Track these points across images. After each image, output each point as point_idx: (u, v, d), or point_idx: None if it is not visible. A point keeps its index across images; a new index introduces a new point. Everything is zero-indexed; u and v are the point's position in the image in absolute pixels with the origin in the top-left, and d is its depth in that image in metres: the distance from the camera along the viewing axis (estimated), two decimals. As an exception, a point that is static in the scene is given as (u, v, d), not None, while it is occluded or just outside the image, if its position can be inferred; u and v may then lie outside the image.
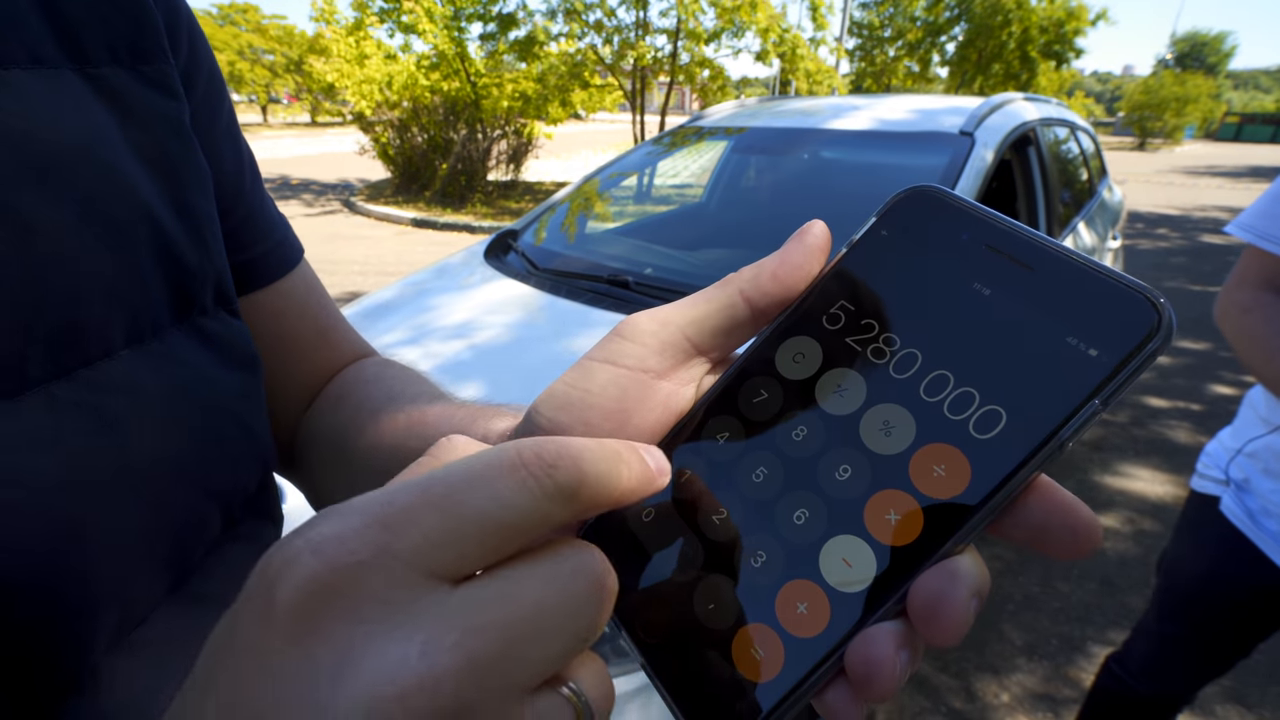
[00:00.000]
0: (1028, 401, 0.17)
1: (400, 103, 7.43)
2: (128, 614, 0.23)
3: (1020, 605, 1.88)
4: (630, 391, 0.21)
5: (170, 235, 0.25)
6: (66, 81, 0.23)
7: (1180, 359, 3.74)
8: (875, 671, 0.16)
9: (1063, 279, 0.17)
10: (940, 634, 0.16)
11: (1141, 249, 6.64)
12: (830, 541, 0.18)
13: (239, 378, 0.29)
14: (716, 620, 0.19)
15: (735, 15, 7.86)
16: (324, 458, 0.36)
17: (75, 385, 0.21)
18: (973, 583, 0.16)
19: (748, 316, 0.22)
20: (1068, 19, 15.64)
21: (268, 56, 23.93)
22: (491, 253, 1.92)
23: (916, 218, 0.21)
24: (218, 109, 0.32)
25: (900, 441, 0.18)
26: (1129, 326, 0.16)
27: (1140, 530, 2.22)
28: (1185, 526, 1.06)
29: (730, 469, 0.20)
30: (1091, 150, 3.04)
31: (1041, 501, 0.17)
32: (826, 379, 0.20)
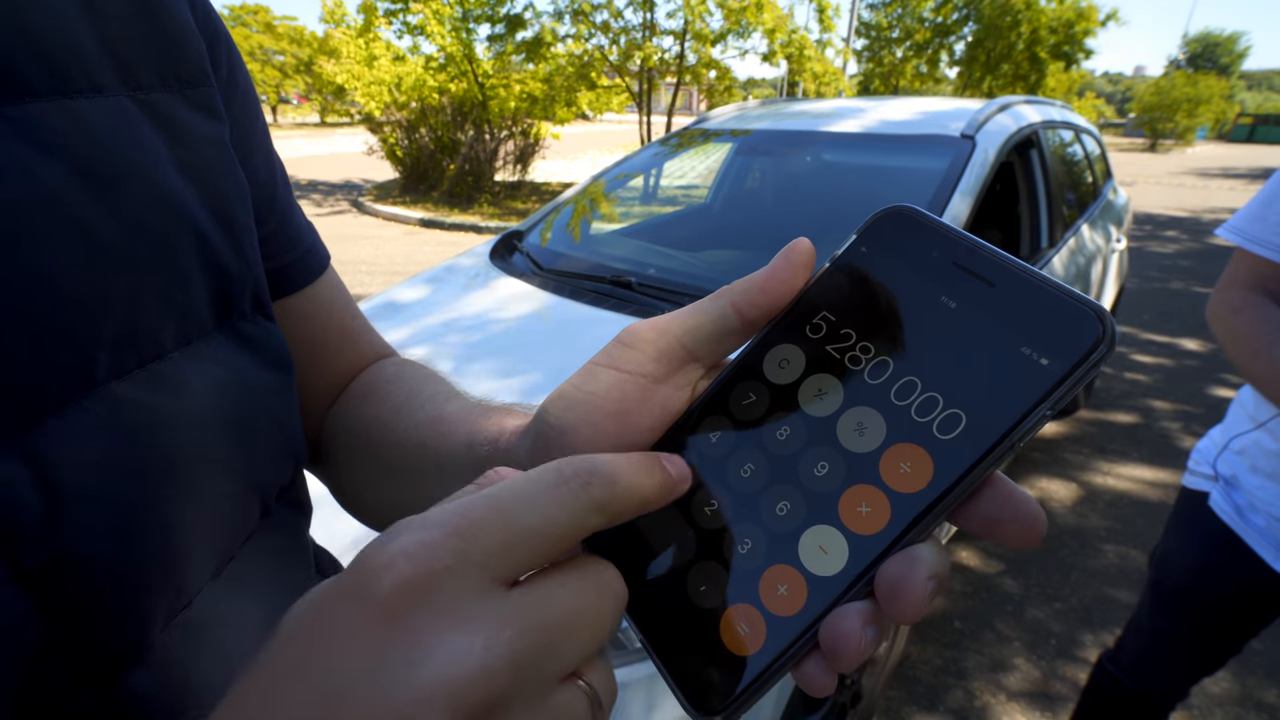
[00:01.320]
0: (985, 405, 0.18)
1: (408, 104, 7.48)
2: (180, 594, 0.25)
3: (1019, 605, 1.89)
4: (631, 394, 0.24)
5: (214, 246, 0.27)
6: (122, 107, 0.25)
7: (1185, 361, 3.73)
8: (843, 644, 0.18)
9: (1020, 294, 0.19)
10: (901, 612, 0.18)
11: (1150, 251, 6.60)
12: (809, 531, 0.20)
13: (274, 377, 0.31)
14: (707, 601, 0.21)
15: (742, 16, 7.87)
16: (347, 453, 0.38)
17: (133, 385, 0.24)
18: (930, 567, 0.18)
19: (738, 326, 0.24)
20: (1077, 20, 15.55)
21: (278, 57, 24.10)
22: (497, 253, 1.94)
23: (893, 236, 0.23)
24: (253, 125, 0.35)
25: (872, 441, 0.20)
26: (1076, 338, 0.18)
27: (1141, 532, 2.23)
28: (1175, 522, 1.08)
29: (720, 465, 0.23)
30: (1096, 153, 3.04)
31: (995, 496, 0.19)
32: (808, 384, 0.22)
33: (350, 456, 0.38)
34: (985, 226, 2.63)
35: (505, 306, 1.61)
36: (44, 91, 0.22)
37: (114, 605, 0.23)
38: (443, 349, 1.43)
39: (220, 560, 0.27)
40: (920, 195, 1.67)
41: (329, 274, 0.41)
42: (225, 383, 0.27)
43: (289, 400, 0.32)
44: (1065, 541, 2.18)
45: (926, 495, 0.19)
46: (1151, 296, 4.98)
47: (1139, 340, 4.05)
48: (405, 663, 0.14)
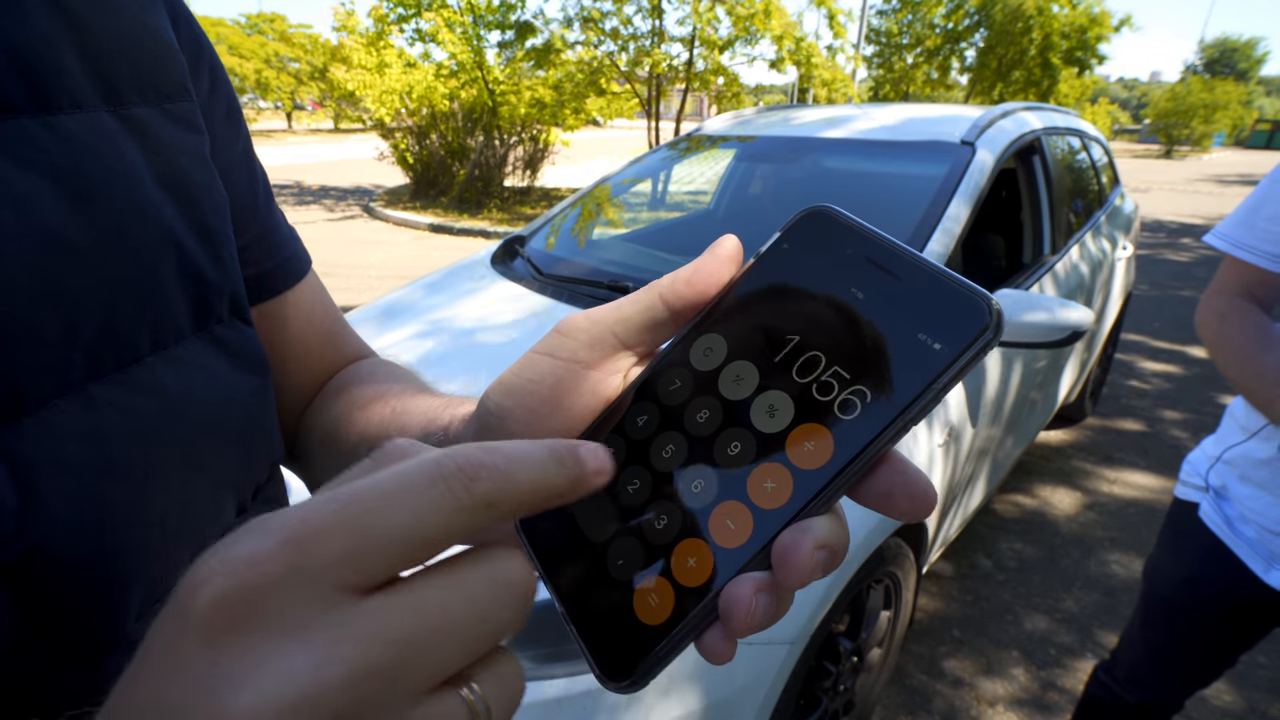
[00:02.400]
0: (882, 387, 0.20)
1: (419, 110, 7.56)
2: (152, 589, 0.26)
3: (1020, 615, 1.87)
4: (565, 380, 0.25)
5: (191, 254, 0.28)
6: (101, 122, 0.26)
7: (1194, 369, 3.69)
8: (734, 608, 0.19)
9: (920, 285, 0.21)
10: (787, 577, 0.19)
11: (1163, 259, 6.53)
12: (719, 506, 0.21)
13: (251, 380, 0.32)
14: (623, 574, 0.22)
15: (750, 23, 7.89)
16: (319, 449, 0.39)
17: (110, 387, 0.25)
18: (820, 536, 0.19)
19: (667, 316, 0.25)
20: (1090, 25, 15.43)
21: (293, 64, 24.43)
22: (498, 258, 1.96)
23: (813, 234, 0.24)
24: (235, 136, 0.36)
25: (781, 421, 0.21)
26: (966, 324, 0.19)
27: (1145, 541, 2.20)
28: (1167, 533, 1.07)
29: (645, 446, 0.24)
30: (1103, 160, 3.02)
31: (889, 472, 0.20)
32: (728, 370, 0.23)
33: (321, 452, 0.39)
34: (986, 233, 2.62)
35: (503, 311, 1.63)
36: (25, 107, 0.23)
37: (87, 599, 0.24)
38: (439, 353, 1.45)
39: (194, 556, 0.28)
40: (918, 201, 1.67)
41: (310, 278, 0.42)
42: (202, 385, 0.28)
43: (265, 402, 0.33)
44: (1068, 550, 2.16)
45: (826, 471, 0.20)
46: (1163, 304, 4.93)
47: (1149, 348, 4.01)
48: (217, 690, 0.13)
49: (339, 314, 0.45)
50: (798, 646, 1.08)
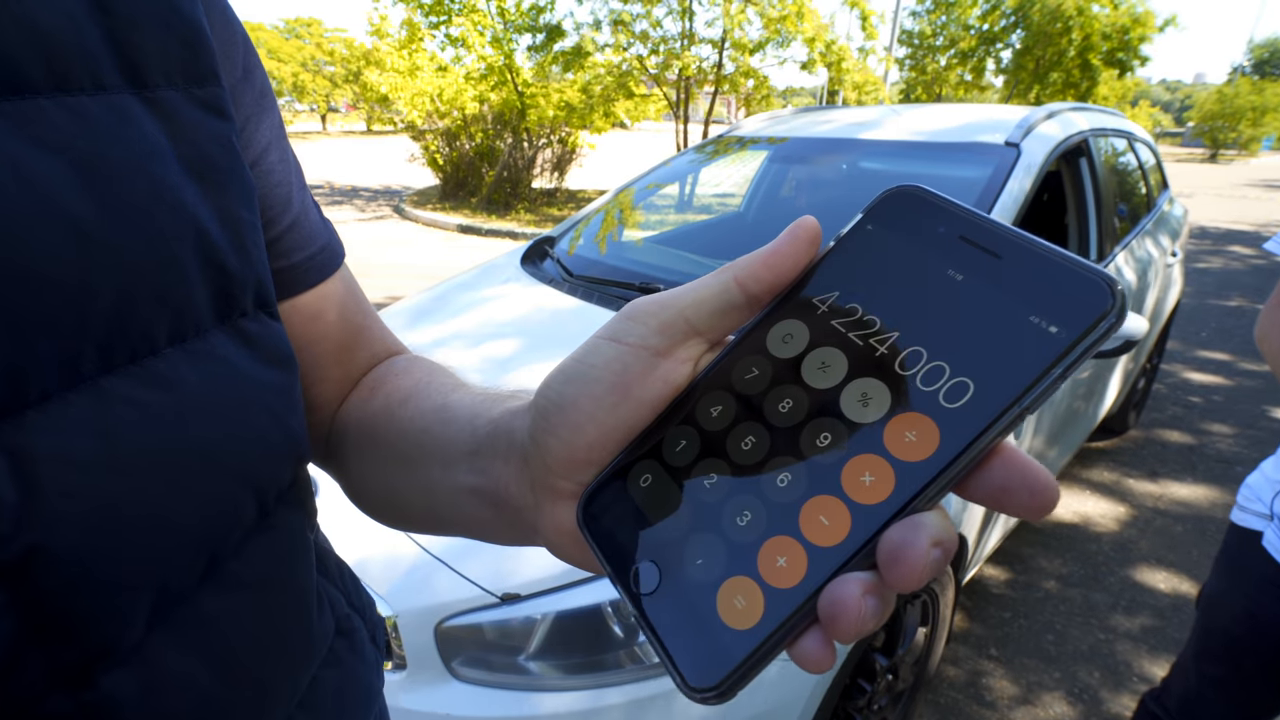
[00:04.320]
0: (993, 373, 0.18)
1: (450, 113, 7.65)
2: (165, 593, 0.25)
3: (1060, 635, 1.80)
4: (632, 367, 0.24)
5: (214, 243, 0.27)
6: (126, 105, 0.25)
7: (1244, 381, 3.53)
8: (840, 612, 0.17)
9: (1027, 265, 0.19)
10: (901, 578, 0.17)
11: (1209, 267, 6.30)
12: (810, 501, 0.20)
13: (275, 375, 0.30)
14: (704, 574, 0.21)
15: (781, 25, 7.83)
16: (356, 447, 0.38)
17: (122, 380, 0.23)
18: (934, 533, 0.17)
19: (742, 301, 0.24)
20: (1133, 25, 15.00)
21: (329, 68, 24.97)
22: (528, 259, 1.96)
23: (899, 214, 0.23)
24: (268, 124, 0.35)
25: (876, 411, 0.20)
26: (1085, 306, 0.18)
27: (1195, 561, 2.10)
28: (1225, 562, 1.01)
29: (722, 438, 0.23)
30: (1151, 162, 2.91)
31: (1003, 465, 0.18)
32: (812, 357, 0.22)
33: (358, 450, 0.38)
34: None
35: (534, 312, 1.62)
36: (44, 88, 0.22)
37: (90, 602, 0.22)
38: (470, 354, 1.44)
39: (210, 559, 0.27)
40: (960, 205, 1.62)
41: (342, 271, 0.41)
42: (223, 380, 0.27)
43: (290, 399, 0.31)
44: (1111, 568, 2.07)
45: (932, 463, 0.18)
46: (1210, 313, 4.75)
47: (1196, 358, 3.86)
48: None
49: (372, 308, 0.44)
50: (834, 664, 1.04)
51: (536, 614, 0.94)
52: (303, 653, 0.33)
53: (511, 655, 0.94)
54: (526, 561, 0.98)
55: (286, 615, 0.31)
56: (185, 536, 0.25)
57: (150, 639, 0.24)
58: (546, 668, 0.94)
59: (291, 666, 0.32)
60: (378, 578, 1.00)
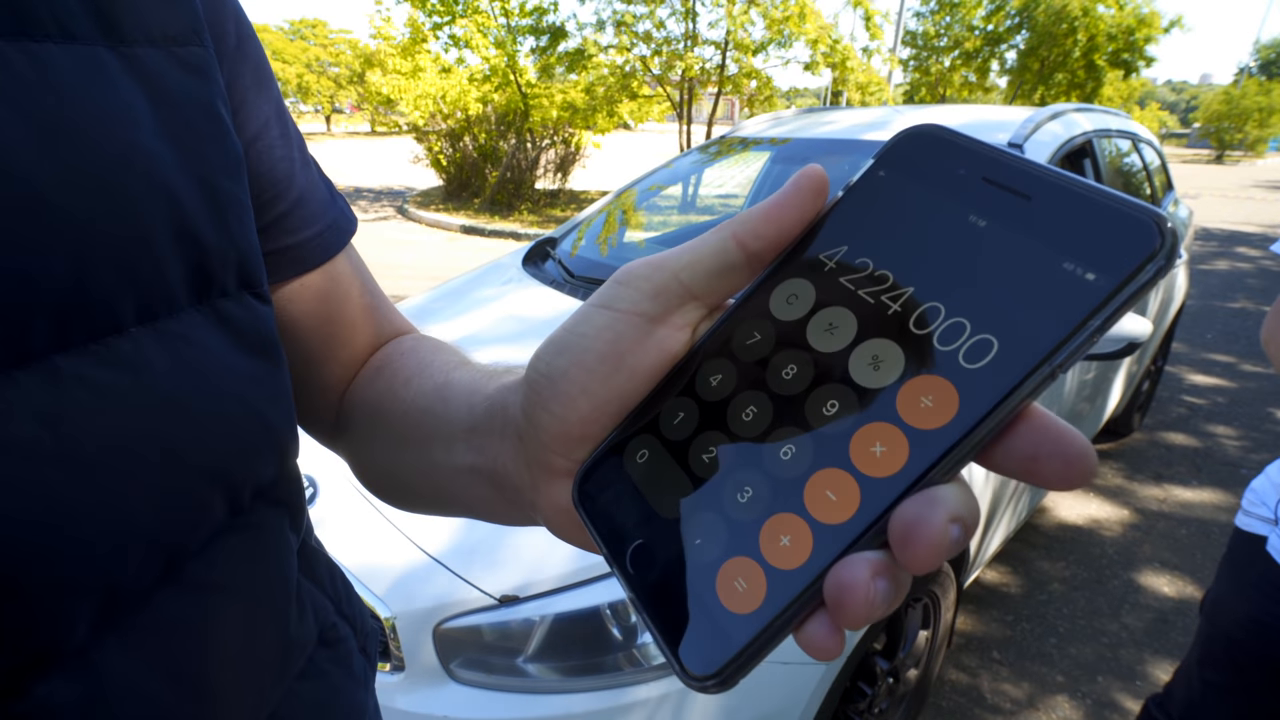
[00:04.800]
0: (1020, 329, 0.17)
1: (453, 114, 7.66)
2: (114, 596, 0.23)
3: (1063, 638, 1.79)
4: (626, 334, 0.22)
5: (190, 214, 0.25)
6: (97, 57, 0.23)
7: (1246, 384, 3.51)
8: (847, 596, 0.16)
9: (1061, 206, 0.17)
10: (915, 557, 0.16)
11: (1215, 269, 6.27)
12: (815, 475, 0.18)
13: (255, 364, 0.28)
14: (703, 555, 0.19)
15: (784, 26, 7.82)
16: (362, 428, 0.37)
17: (79, 358, 0.21)
18: (952, 508, 0.16)
19: (742, 260, 0.22)
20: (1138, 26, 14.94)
21: (333, 69, 25.05)
22: (530, 260, 1.96)
23: (914, 157, 0.21)
24: (265, 99, 0.33)
25: (888, 375, 0.18)
26: (1128, 249, 0.16)
27: (1200, 565, 2.09)
28: (1229, 566, 1.00)
29: (722, 409, 0.21)
30: (1156, 163, 2.90)
31: (1031, 431, 0.16)
32: (819, 318, 0.20)
33: (364, 431, 0.37)
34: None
35: (533, 313, 1.62)
36: (4, 31, 0.20)
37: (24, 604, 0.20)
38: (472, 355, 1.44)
39: (169, 559, 0.24)
40: (963, 206, 1.61)
41: (349, 251, 0.39)
42: (194, 365, 0.25)
43: (273, 389, 0.29)
44: (1115, 571, 2.06)
45: (950, 431, 0.16)
46: (1216, 315, 4.72)
47: (1201, 360, 3.83)
48: None
49: (379, 288, 0.42)
50: (834, 667, 1.04)
51: (535, 616, 0.93)
52: (275, 663, 0.31)
53: (510, 657, 0.94)
54: (525, 563, 0.97)
55: (256, 621, 0.29)
56: (139, 535, 0.23)
57: (95, 644, 0.22)
58: (545, 670, 0.94)
59: (259, 677, 0.30)
60: (376, 579, 1.00)
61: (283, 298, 0.35)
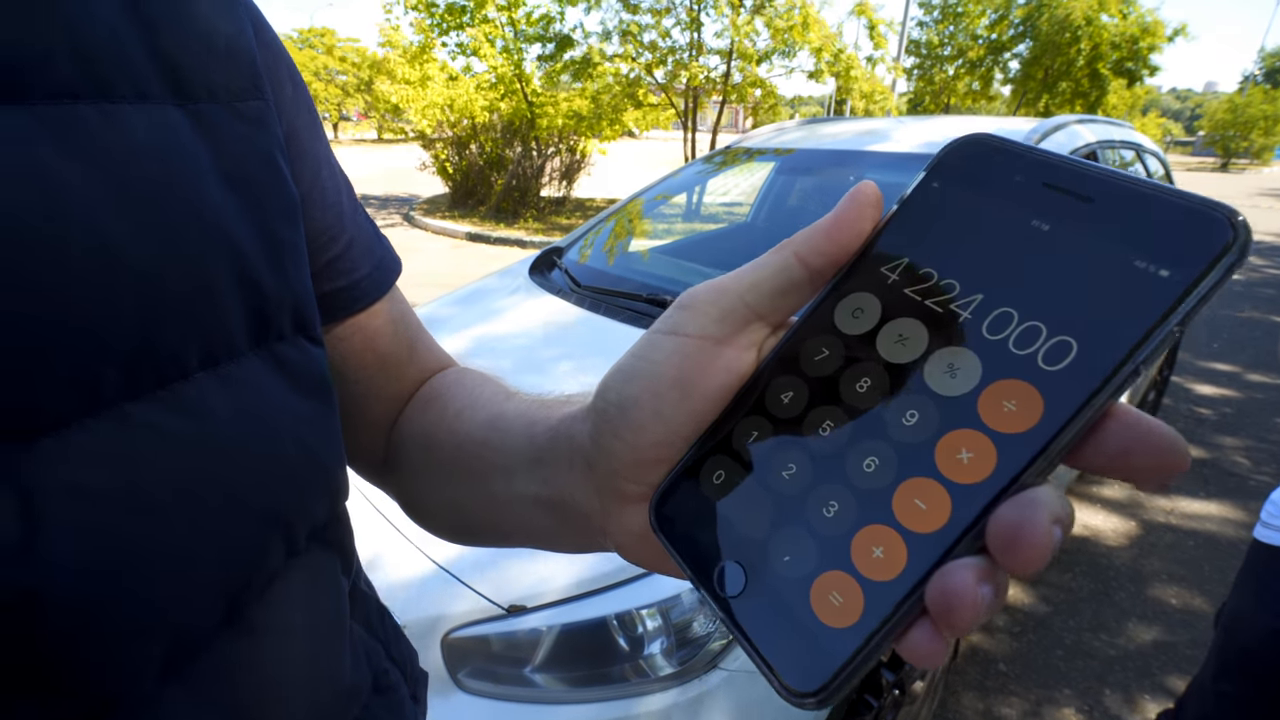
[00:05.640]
0: (1098, 329, 0.17)
1: (460, 121, 7.71)
2: (180, 641, 0.23)
3: (1070, 651, 1.78)
4: (693, 359, 0.23)
5: (251, 262, 0.26)
6: (168, 116, 0.24)
7: (1254, 394, 3.49)
8: (955, 602, 0.16)
9: (1126, 205, 0.17)
10: (1021, 560, 0.16)
11: (1220, 276, 6.24)
12: (902, 485, 0.18)
13: (310, 405, 0.29)
14: (794, 571, 0.19)
15: (788, 35, 7.86)
16: (413, 461, 0.37)
17: (148, 405, 0.22)
18: (1054, 509, 0.16)
19: (804, 277, 0.22)
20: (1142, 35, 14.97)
21: (341, 77, 25.26)
22: (536, 269, 1.97)
23: (967, 166, 0.21)
24: (320, 143, 0.35)
25: (967, 382, 0.18)
26: (1201, 244, 0.16)
27: (1208, 577, 2.08)
28: (1248, 579, 0.99)
29: (797, 425, 0.21)
30: (1160, 173, 2.90)
31: (1120, 428, 0.17)
32: (887, 330, 0.20)
33: (415, 465, 0.37)
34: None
35: (542, 323, 1.63)
36: (84, 93, 0.21)
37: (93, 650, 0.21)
38: (478, 364, 1.45)
39: (232, 603, 0.25)
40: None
41: (395, 289, 0.40)
42: (254, 409, 0.26)
43: (327, 431, 0.30)
44: (1122, 583, 2.05)
45: (1038, 434, 0.17)
46: (1222, 324, 4.70)
47: (1206, 370, 3.82)
48: None
49: (421, 323, 0.43)
50: (839, 679, 1.04)
51: (542, 626, 0.94)
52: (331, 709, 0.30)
53: (517, 667, 0.94)
54: (532, 573, 0.98)
55: (313, 665, 0.29)
56: (204, 578, 0.23)
57: (160, 690, 0.23)
58: (552, 680, 0.94)
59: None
60: (384, 587, 1.00)
61: (334, 337, 0.36)
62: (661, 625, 0.95)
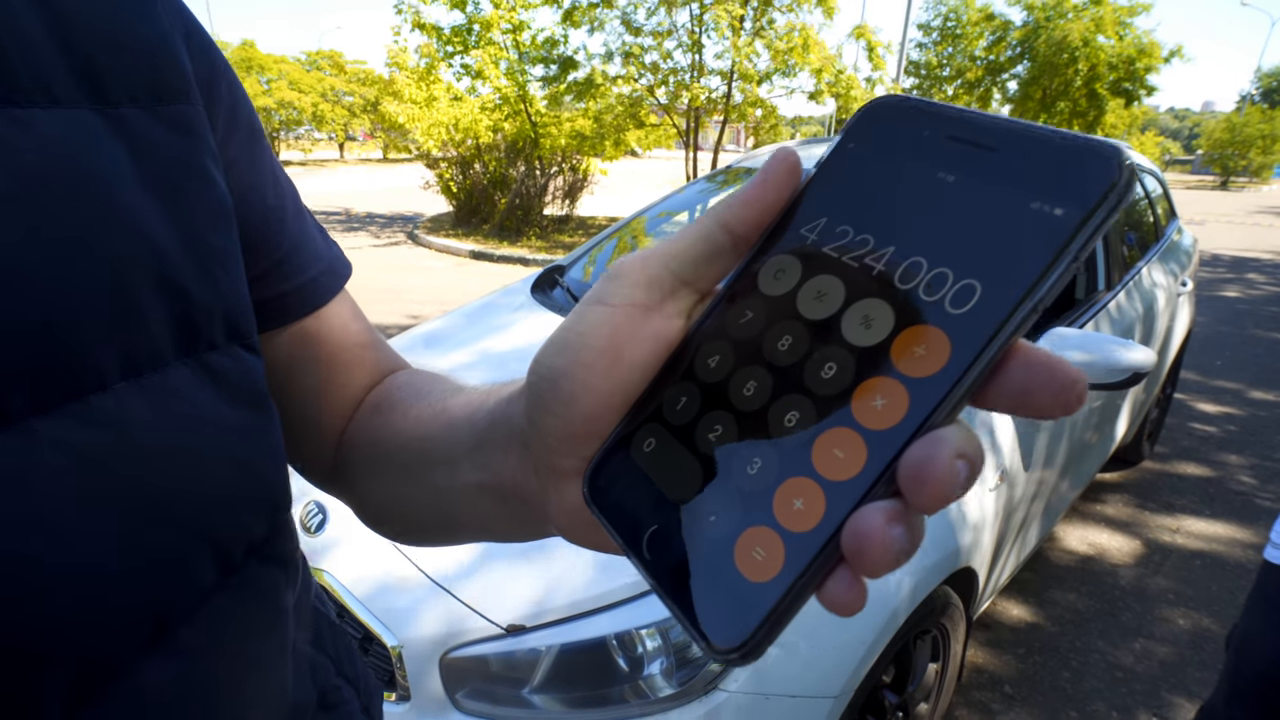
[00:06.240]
0: (1000, 270, 0.17)
1: (464, 141, 7.81)
2: (96, 665, 0.22)
3: (1076, 672, 1.76)
4: (622, 327, 0.23)
5: (175, 268, 0.25)
6: (84, 120, 0.23)
7: (1258, 412, 3.48)
8: (865, 544, 0.16)
9: (1024, 151, 0.18)
10: (927, 497, 0.16)
11: (1223, 295, 6.25)
12: (821, 436, 0.19)
13: (246, 416, 0.28)
14: (719, 530, 0.20)
15: (788, 56, 7.97)
16: (362, 466, 0.37)
17: (58, 420, 0.21)
18: (957, 445, 0.16)
19: (728, 243, 0.23)
20: (1139, 56, 15.14)
21: (347, 98, 25.61)
22: (539, 287, 1.98)
23: (879, 126, 0.22)
24: (259, 152, 0.34)
25: (880, 331, 0.19)
26: (1090, 181, 0.16)
27: (1216, 597, 2.06)
28: (1259, 601, 0.98)
29: (723, 388, 0.22)
30: (1158, 192, 2.92)
31: (1021, 366, 0.17)
32: (807, 288, 0.21)
33: (364, 468, 0.37)
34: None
35: (544, 340, 1.63)
36: None
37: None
38: (474, 381, 1.46)
39: (157, 624, 0.24)
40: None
41: (344, 295, 0.40)
42: (180, 420, 0.25)
43: (263, 442, 0.29)
44: (1128, 603, 2.03)
45: (946, 375, 0.17)
46: (1225, 342, 4.69)
47: (1210, 388, 3.81)
48: None
49: (373, 327, 0.43)
50: (842, 701, 1.03)
51: (541, 646, 0.93)
52: None
53: (516, 688, 0.93)
54: (532, 593, 0.98)
55: (251, 687, 0.28)
56: (120, 601, 0.22)
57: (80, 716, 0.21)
58: (551, 701, 0.93)
59: None
60: (383, 608, 1.00)
61: (277, 343, 0.36)
62: (661, 645, 0.94)
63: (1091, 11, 15.13)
